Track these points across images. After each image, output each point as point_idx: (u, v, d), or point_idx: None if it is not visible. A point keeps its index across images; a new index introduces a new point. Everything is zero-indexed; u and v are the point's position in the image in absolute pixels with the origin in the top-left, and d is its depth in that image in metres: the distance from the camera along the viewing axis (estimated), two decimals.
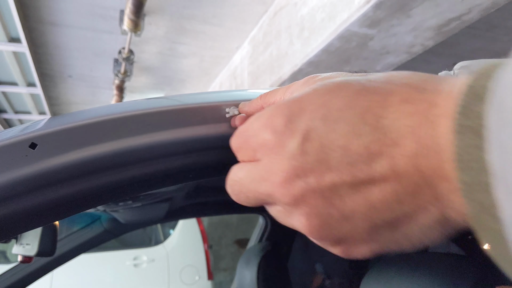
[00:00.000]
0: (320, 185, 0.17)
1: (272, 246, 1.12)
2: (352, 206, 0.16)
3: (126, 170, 0.33)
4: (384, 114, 0.16)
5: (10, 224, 0.30)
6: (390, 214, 0.16)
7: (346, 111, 0.17)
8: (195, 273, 2.48)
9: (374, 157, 0.16)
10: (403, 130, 0.15)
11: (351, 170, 0.16)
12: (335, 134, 0.17)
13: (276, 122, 0.18)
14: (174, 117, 0.34)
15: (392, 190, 0.16)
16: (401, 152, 0.15)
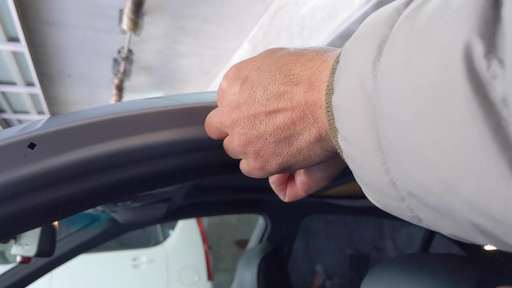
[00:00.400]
0: (249, 113, 0.25)
1: (272, 247, 1.11)
2: (265, 127, 0.25)
3: (125, 170, 0.33)
4: (294, 67, 0.24)
5: (9, 224, 0.29)
6: (287, 133, 0.24)
7: (271, 65, 0.25)
8: (195, 274, 2.48)
9: (282, 94, 0.24)
10: (303, 77, 0.23)
11: (267, 103, 0.24)
12: (261, 79, 0.25)
13: (230, 73, 0.27)
14: (173, 117, 0.34)
15: (290, 116, 0.24)
16: (298, 91, 0.23)
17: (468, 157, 0.13)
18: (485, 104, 0.12)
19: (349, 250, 2.66)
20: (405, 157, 0.16)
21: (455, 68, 0.13)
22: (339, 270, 2.48)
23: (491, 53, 0.12)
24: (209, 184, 0.87)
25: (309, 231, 2.74)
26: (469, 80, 0.12)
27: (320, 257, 2.56)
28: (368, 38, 0.18)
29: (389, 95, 0.16)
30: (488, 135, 0.12)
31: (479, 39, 0.12)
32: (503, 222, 0.13)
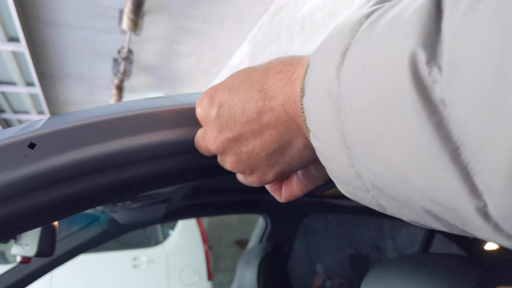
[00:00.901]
0: (233, 135, 0.26)
1: (272, 247, 1.11)
2: (253, 144, 0.26)
3: (125, 170, 0.33)
4: (265, 81, 0.25)
5: (9, 224, 0.29)
6: (276, 145, 0.26)
7: (242, 84, 0.26)
8: (195, 274, 2.48)
9: (262, 112, 0.25)
10: (276, 89, 0.24)
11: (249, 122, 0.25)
12: (236, 100, 0.26)
13: (203, 102, 0.28)
14: (173, 117, 0.34)
15: (275, 130, 0.25)
16: (276, 104, 0.24)
17: (416, 152, 0.15)
18: (428, 105, 0.14)
19: (349, 250, 2.66)
20: (365, 153, 0.17)
21: (402, 74, 0.14)
22: (339, 270, 2.48)
23: (432, 61, 0.14)
24: (209, 184, 0.87)
25: (309, 231, 2.74)
26: (414, 85, 0.14)
27: (320, 257, 2.56)
28: (334, 46, 0.19)
29: (350, 97, 0.17)
30: (432, 132, 0.14)
31: (422, 49, 0.14)
32: (449, 208, 0.15)
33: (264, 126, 0.25)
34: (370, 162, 0.17)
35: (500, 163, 0.12)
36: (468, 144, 0.13)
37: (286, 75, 0.24)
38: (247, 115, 0.25)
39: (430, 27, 0.14)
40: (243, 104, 0.25)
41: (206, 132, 0.29)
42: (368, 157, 0.17)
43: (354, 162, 0.19)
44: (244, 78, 0.26)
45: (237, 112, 0.26)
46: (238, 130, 0.26)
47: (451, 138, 0.13)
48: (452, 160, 0.13)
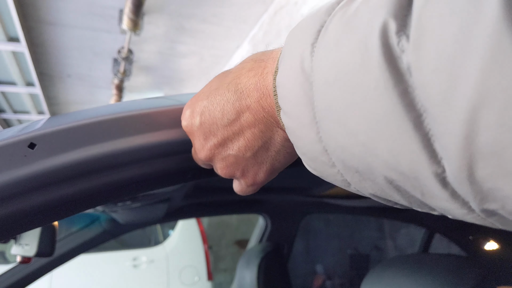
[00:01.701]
0: (218, 141, 0.27)
1: (272, 247, 1.11)
2: (238, 146, 0.26)
3: (125, 170, 0.33)
4: (239, 81, 0.25)
5: (9, 224, 0.29)
6: (260, 142, 0.26)
7: (218, 89, 0.26)
8: (195, 274, 2.48)
9: (240, 111, 0.25)
10: (250, 87, 0.24)
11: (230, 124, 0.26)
12: (215, 104, 0.26)
13: (186, 113, 0.29)
14: (173, 117, 0.34)
15: (255, 128, 0.25)
16: (252, 101, 0.24)
17: (381, 121, 0.15)
18: (395, 73, 0.14)
19: (349, 250, 2.66)
20: (333, 125, 0.18)
21: (372, 44, 0.15)
22: (339, 270, 2.48)
23: (401, 31, 0.14)
24: (209, 184, 0.87)
25: (309, 231, 2.74)
26: (383, 54, 0.14)
27: (320, 257, 2.56)
28: (310, 23, 0.20)
29: (321, 71, 0.18)
30: (397, 100, 0.14)
31: (393, 19, 0.14)
32: (410, 176, 0.15)
33: (244, 126, 0.26)
34: (336, 134, 0.18)
35: (458, 124, 0.12)
36: (430, 109, 0.13)
37: (258, 71, 0.24)
38: (227, 117, 0.26)
39: (402, 1, 0.14)
40: (222, 107, 0.26)
41: (194, 143, 0.29)
42: (335, 130, 0.18)
43: (322, 137, 0.19)
44: (220, 82, 0.27)
45: (217, 117, 0.26)
46: (221, 134, 0.27)
47: (415, 105, 0.14)
48: (414, 127, 0.14)
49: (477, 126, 0.12)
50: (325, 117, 0.18)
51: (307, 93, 0.19)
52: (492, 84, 0.11)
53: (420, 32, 0.13)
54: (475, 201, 0.14)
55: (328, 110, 0.18)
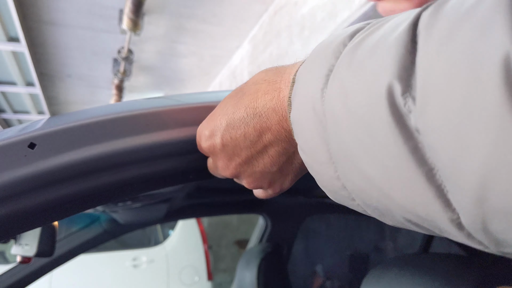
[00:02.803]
0: (242, 160, 0.28)
1: (272, 248, 1.11)
2: (263, 163, 0.28)
3: (126, 170, 0.33)
4: (257, 105, 0.26)
5: (9, 224, 0.29)
6: (284, 158, 0.28)
7: (236, 113, 0.27)
8: (195, 274, 2.48)
9: (261, 133, 0.26)
10: (269, 111, 0.26)
11: (253, 145, 0.27)
12: (235, 129, 0.27)
13: (205, 134, 0.30)
14: (173, 117, 0.34)
15: (278, 146, 0.27)
16: (272, 123, 0.26)
17: (394, 172, 0.16)
18: (404, 132, 0.15)
19: (349, 251, 2.66)
20: (349, 169, 0.19)
21: (380, 104, 0.16)
22: (339, 270, 2.48)
23: (407, 92, 0.15)
24: (209, 185, 0.87)
25: (309, 232, 2.74)
26: (391, 114, 0.15)
27: (320, 257, 2.56)
28: (318, 66, 0.21)
29: (333, 118, 0.19)
30: (408, 156, 0.15)
31: (398, 81, 0.15)
32: (427, 219, 0.16)
33: (267, 145, 0.27)
34: (353, 178, 0.19)
35: (469, 188, 0.13)
36: (441, 168, 0.14)
37: (274, 95, 0.25)
38: (249, 139, 0.27)
39: (405, 60, 0.15)
40: (243, 130, 0.27)
41: (216, 162, 0.30)
42: (352, 173, 0.19)
43: (340, 176, 0.20)
44: (236, 105, 0.27)
45: (239, 139, 0.27)
46: (245, 154, 0.28)
47: (426, 160, 0.15)
48: (427, 180, 0.15)
49: (488, 192, 0.12)
50: (341, 160, 0.19)
51: (321, 134, 0.20)
52: (499, 158, 0.12)
53: (425, 98, 0.14)
54: (491, 245, 0.14)
55: (343, 155, 0.19)
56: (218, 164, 0.30)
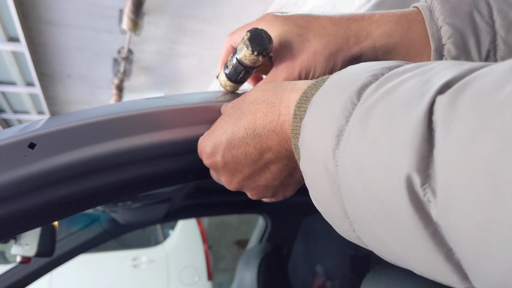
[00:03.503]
0: (245, 176, 0.29)
1: (272, 248, 1.11)
2: (265, 178, 0.29)
3: (125, 170, 0.33)
4: (256, 126, 0.27)
5: (9, 224, 0.29)
6: (285, 173, 0.29)
7: (236, 133, 0.28)
8: (195, 274, 2.48)
9: (262, 152, 0.27)
10: (269, 132, 0.27)
11: (254, 163, 0.28)
12: (236, 148, 0.28)
13: (207, 150, 0.30)
14: (173, 117, 0.34)
15: (279, 163, 0.28)
16: (273, 143, 0.27)
17: (414, 249, 0.17)
18: (424, 218, 0.15)
19: (350, 251, 2.65)
20: (366, 231, 0.19)
21: (400, 190, 0.16)
22: (340, 270, 2.48)
23: (426, 184, 0.15)
24: (209, 185, 0.87)
25: (309, 232, 2.73)
26: (410, 201, 0.15)
27: (320, 257, 2.56)
28: (327, 122, 0.20)
29: (348, 186, 0.19)
30: (428, 238, 0.15)
31: (417, 172, 0.15)
32: (445, 283, 0.17)
33: (268, 162, 0.28)
34: (370, 239, 0.19)
35: (490, 283, 0.13)
36: (461, 257, 0.15)
37: (273, 117, 0.26)
38: (250, 158, 0.28)
39: (423, 150, 0.15)
40: (243, 150, 0.28)
41: (219, 176, 0.31)
42: (369, 235, 0.19)
43: (356, 229, 0.20)
44: (236, 125, 0.28)
45: (241, 157, 0.28)
46: (247, 170, 0.29)
47: (445, 242, 0.15)
48: (446, 259, 0.15)
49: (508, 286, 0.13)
50: (357, 221, 0.19)
51: (335, 192, 0.20)
52: None
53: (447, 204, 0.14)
54: None
55: (360, 218, 0.19)
56: (221, 178, 0.31)
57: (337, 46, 0.31)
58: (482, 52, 0.29)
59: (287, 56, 0.31)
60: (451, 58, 0.29)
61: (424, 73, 0.17)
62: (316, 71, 0.31)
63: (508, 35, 0.28)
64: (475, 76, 0.15)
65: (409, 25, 0.30)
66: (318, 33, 0.31)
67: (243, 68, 0.33)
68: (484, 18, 0.29)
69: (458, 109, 0.14)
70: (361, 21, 0.31)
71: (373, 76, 0.20)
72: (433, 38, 0.29)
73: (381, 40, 0.30)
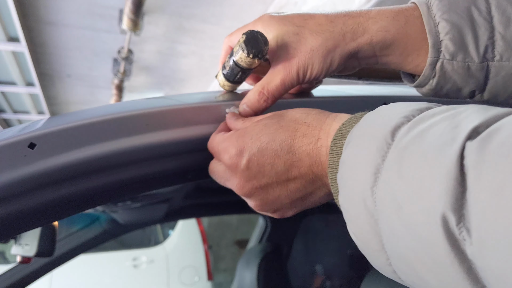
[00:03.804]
0: (260, 185, 0.29)
1: (272, 247, 1.11)
2: (279, 193, 0.29)
3: (125, 170, 0.33)
4: (293, 144, 0.28)
5: (9, 224, 0.29)
6: (300, 194, 0.29)
7: (271, 143, 0.28)
8: (195, 274, 2.48)
9: (289, 168, 0.28)
10: (303, 153, 0.27)
11: (277, 176, 0.28)
12: (265, 157, 0.28)
13: (232, 151, 0.30)
14: (173, 117, 0.34)
15: (300, 183, 0.28)
16: (303, 164, 0.27)
17: (451, 285, 0.17)
18: (460, 255, 0.16)
19: (349, 250, 2.65)
20: (403, 266, 0.20)
21: (436, 229, 0.17)
22: (340, 270, 2.48)
23: (461, 223, 0.16)
24: (209, 185, 0.87)
25: (309, 231, 2.73)
26: (447, 239, 0.16)
27: (320, 257, 2.56)
28: (365, 160, 0.21)
29: (386, 222, 0.20)
30: (463, 275, 0.16)
31: (452, 212, 0.16)
32: None
33: (290, 179, 0.28)
34: (408, 274, 0.20)
35: None
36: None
37: (311, 140, 0.27)
38: (275, 170, 0.28)
39: (457, 192, 0.16)
40: (272, 161, 0.28)
41: (232, 178, 0.31)
42: (405, 270, 0.20)
43: (392, 264, 0.21)
44: (272, 136, 0.28)
45: (266, 167, 0.28)
46: (265, 181, 0.29)
47: (479, 279, 0.16)
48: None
49: None
50: (394, 255, 0.20)
51: (373, 227, 0.21)
52: None
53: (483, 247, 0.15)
54: None
55: (397, 253, 0.20)
56: (234, 181, 0.30)
57: (334, 43, 0.30)
58: (480, 48, 0.29)
59: (284, 55, 0.31)
60: (449, 54, 0.29)
61: (453, 117, 0.19)
62: (314, 68, 0.31)
63: (507, 31, 0.28)
64: (501, 125, 0.17)
65: (406, 21, 0.30)
66: (314, 31, 0.31)
67: (239, 70, 0.33)
68: (482, 13, 0.29)
69: (487, 155, 0.16)
70: (357, 17, 0.31)
71: (405, 118, 0.21)
72: (431, 34, 0.29)
73: (378, 35, 0.30)
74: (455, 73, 0.30)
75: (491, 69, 0.29)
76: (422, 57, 0.31)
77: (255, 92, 0.33)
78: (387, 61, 0.32)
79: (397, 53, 0.31)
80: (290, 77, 0.32)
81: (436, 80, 0.31)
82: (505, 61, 0.29)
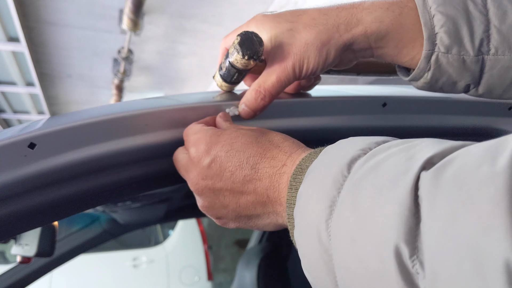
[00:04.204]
0: (213, 186, 0.29)
1: (272, 247, 1.11)
2: (228, 201, 0.29)
3: (125, 170, 0.33)
4: (260, 162, 0.28)
5: (9, 224, 0.29)
6: (248, 212, 0.29)
7: (240, 152, 0.28)
8: (195, 274, 2.48)
9: (247, 182, 0.28)
10: (265, 174, 0.27)
11: (233, 185, 0.28)
12: (229, 163, 0.28)
13: (201, 145, 0.30)
14: (173, 117, 0.34)
15: (252, 200, 0.28)
16: (261, 185, 0.27)
17: None
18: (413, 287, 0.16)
19: None
20: None
21: (390, 262, 0.16)
22: None
23: (414, 255, 0.16)
24: None
25: None
26: (400, 273, 0.16)
27: None
28: (321, 193, 0.21)
29: (341, 257, 0.19)
30: None
31: (405, 244, 0.16)
32: None
33: (244, 193, 0.28)
34: None
35: None
36: None
37: (277, 163, 0.27)
38: (233, 179, 0.28)
39: (410, 223, 0.16)
40: (234, 170, 0.28)
41: (191, 171, 0.30)
42: None
43: None
44: (244, 147, 0.28)
45: (226, 173, 0.28)
46: (220, 186, 0.28)
47: None
48: None
49: None
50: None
51: (327, 264, 0.20)
52: None
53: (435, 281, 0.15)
54: None
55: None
56: (191, 174, 0.30)
57: (328, 35, 0.30)
58: (475, 41, 0.28)
59: (279, 53, 0.31)
60: (444, 47, 0.29)
61: (408, 149, 0.19)
62: (310, 62, 0.31)
63: (502, 24, 0.28)
64: (456, 156, 0.16)
65: (401, 12, 0.30)
66: (308, 25, 0.30)
67: (236, 71, 0.33)
68: (478, 7, 0.28)
69: (440, 186, 0.15)
70: (351, 8, 0.31)
71: (361, 150, 0.21)
72: (426, 27, 0.29)
73: (373, 26, 0.30)
74: (450, 66, 0.30)
75: (486, 62, 0.29)
76: (417, 49, 0.30)
77: (252, 91, 0.33)
78: (383, 53, 0.32)
79: (392, 45, 0.31)
80: (286, 73, 0.32)
81: (431, 73, 0.31)
82: (500, 54, 0.29)
